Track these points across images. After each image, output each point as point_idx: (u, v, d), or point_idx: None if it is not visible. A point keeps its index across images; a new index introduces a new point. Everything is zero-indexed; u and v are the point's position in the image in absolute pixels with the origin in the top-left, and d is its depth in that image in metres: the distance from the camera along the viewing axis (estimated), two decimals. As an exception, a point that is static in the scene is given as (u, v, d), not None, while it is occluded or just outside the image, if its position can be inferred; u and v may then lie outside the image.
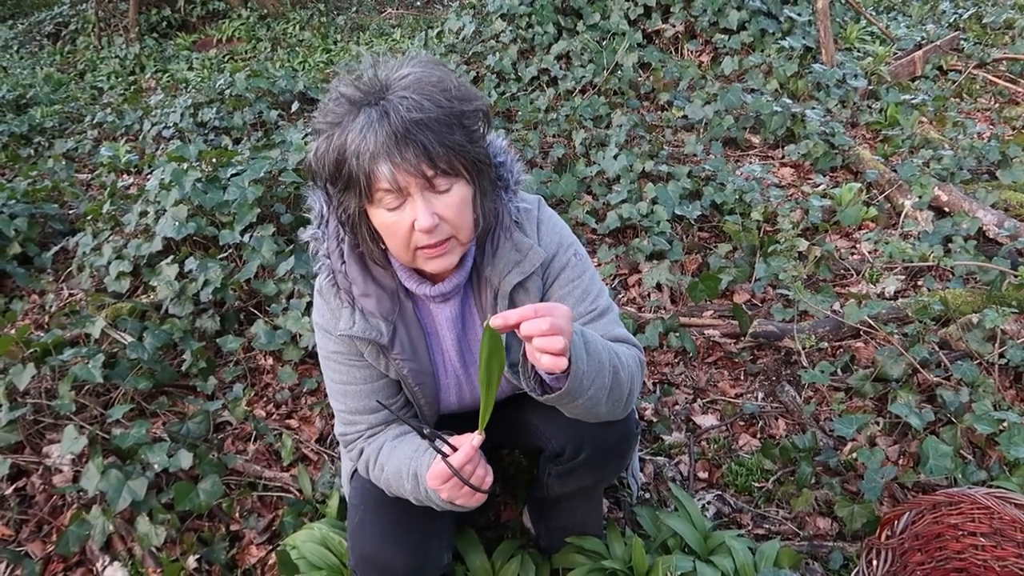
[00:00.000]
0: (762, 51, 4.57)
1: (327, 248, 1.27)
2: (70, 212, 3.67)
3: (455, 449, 1.10)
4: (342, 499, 1.86)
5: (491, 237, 1.27)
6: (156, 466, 1.94)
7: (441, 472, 1.11)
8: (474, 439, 1.09)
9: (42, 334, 2.55)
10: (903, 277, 2.69)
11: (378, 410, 1.35)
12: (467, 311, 1.35)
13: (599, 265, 2.90)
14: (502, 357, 1.02)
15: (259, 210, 2.87)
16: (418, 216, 1.09)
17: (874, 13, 6.06)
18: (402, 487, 1.26)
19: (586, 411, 1.15)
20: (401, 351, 1.29)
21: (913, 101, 4.10)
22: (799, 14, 4.78)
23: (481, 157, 1.14)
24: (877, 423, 2.08)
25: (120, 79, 7.32)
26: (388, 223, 1.12)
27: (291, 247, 2.79)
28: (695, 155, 3.65)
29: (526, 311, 0.97)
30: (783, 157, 3.72)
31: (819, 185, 3.43)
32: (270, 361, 2.54)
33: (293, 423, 2.29)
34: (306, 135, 3.59)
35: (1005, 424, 1.87)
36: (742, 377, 2.40)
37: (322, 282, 1.29)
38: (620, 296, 2.82)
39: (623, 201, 3.12)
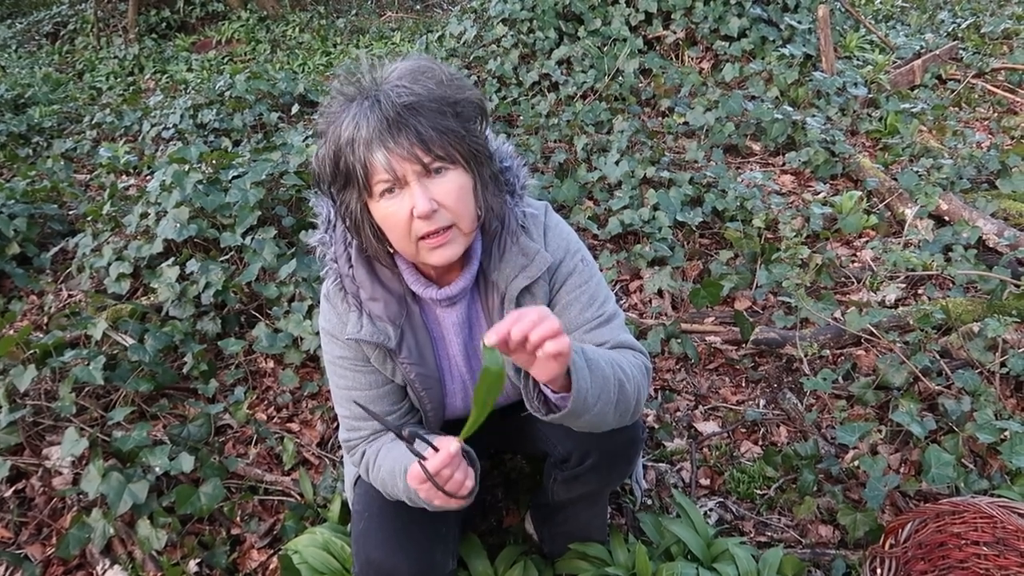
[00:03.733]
0: (763, 58, 4.59)
1: (335, 252, 1.27)
2: (69, 213, 3.65)
3: (438, 451, 1.07)
4: (344, 503, 1.85)
5: (498, 241, 1.27)
6: (157, 469, 1.94)
7: (418, 473, 1.07)
8: (451, 446, 1.05)
9: (41, 335, 2.54)
10: (904, 285, 2.70)
11: (383, 415, 1.34)
12: (474, 316, 1.35)
13: (601, 271, 2.90)
14: (501, 375, 0.98)
15: (260, 212, 2.87)
16: (416, 202, 1.07)
17: (873, 22, 6.08)
18: (396, 486, 1.25)
19: (592, 427, 1.15)
20: (408, 355, 1.29)
21: (913, 110, 4.11)
22: (799, 22, 4.80)
23: (478, 148, 1.13)
24: (879, 431, 2.08)
25: (119, 80, 7.30)
26: (388, 213, 1.11)
27: (293, 250, 2.79)
28: (696, 161, 3.66)
29: (510, 316, 0.94)
30: (784, 164, 3.73)
31: (820, 193, 3.44)
32: (271, 364, 2.53)
33: (294, 427, 2.29)
34: (307, 137, 3.58)
35: (1007, 433, 1.87)
36: (744, 384, 2.41)
37: (329, 286, 1.29)
38: (622, 302, 2.82)
39: (625, 207, 3.12)
